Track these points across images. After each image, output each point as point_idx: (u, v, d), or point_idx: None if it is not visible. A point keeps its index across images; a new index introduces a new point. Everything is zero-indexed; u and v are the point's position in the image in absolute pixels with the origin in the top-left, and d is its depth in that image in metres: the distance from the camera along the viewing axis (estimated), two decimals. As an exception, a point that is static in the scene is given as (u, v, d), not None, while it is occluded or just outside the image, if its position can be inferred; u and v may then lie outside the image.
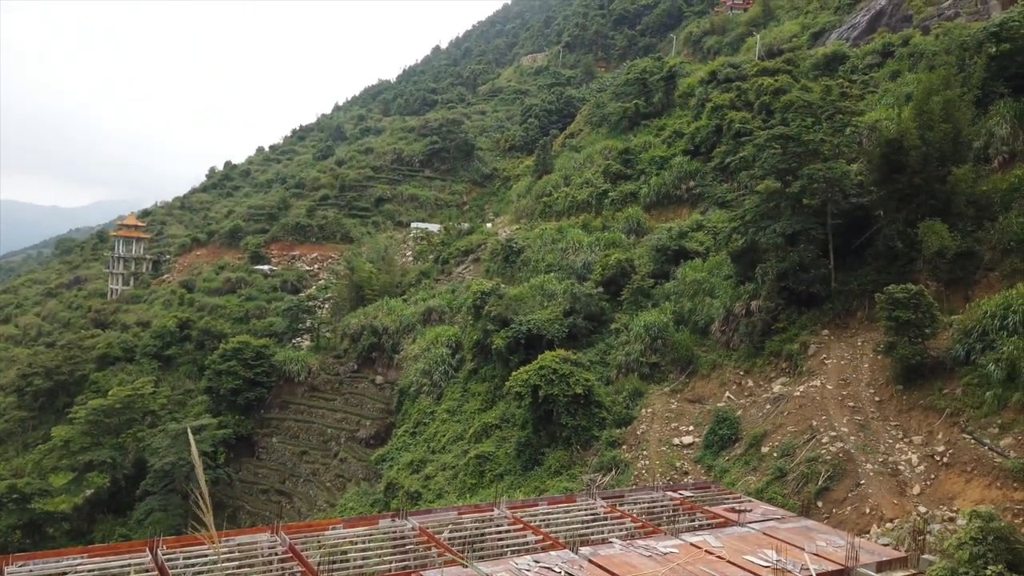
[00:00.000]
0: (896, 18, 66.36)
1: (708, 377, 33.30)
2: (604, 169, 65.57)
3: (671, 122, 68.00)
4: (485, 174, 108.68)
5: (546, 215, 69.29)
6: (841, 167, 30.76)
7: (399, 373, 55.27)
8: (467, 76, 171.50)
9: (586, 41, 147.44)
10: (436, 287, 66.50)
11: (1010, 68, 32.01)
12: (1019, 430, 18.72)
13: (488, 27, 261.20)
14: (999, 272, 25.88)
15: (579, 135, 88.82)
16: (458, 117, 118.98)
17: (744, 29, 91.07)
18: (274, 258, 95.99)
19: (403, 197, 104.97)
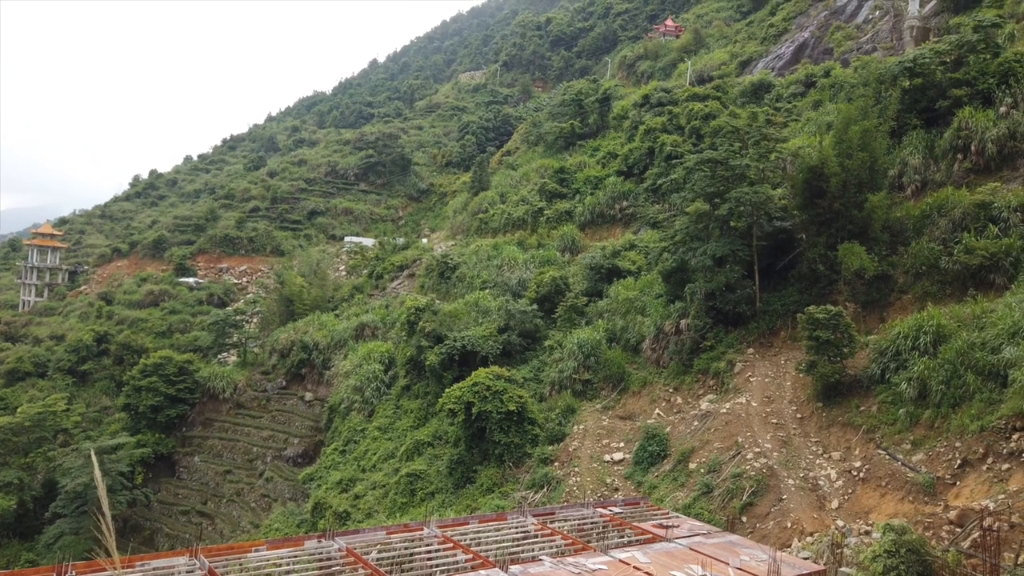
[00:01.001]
0: (818, 50, 69.63)
1: (639, 394, 33.78)
2: (540, 187, 66.21)
3: (606, 143, 69.31)
4: (421, 189, 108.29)
5: (482, 231, 69.40)
6: (766, 191, 31.87)
7: (329, 390, 54.15)
8: (404, 91, 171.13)
9: (524, 61, 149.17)
10: (370, 302, 65.61)
11: (922, 101, 33.92)
12: (929, 446, 19.62)
13: (426, 43, 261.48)
14: (911, 295, 27.20)
15: (516, 153, 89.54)
16: (395, 131, 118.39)
17: (676, 55, 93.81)
18: (200, 270, 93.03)
19: (337, 210, 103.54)
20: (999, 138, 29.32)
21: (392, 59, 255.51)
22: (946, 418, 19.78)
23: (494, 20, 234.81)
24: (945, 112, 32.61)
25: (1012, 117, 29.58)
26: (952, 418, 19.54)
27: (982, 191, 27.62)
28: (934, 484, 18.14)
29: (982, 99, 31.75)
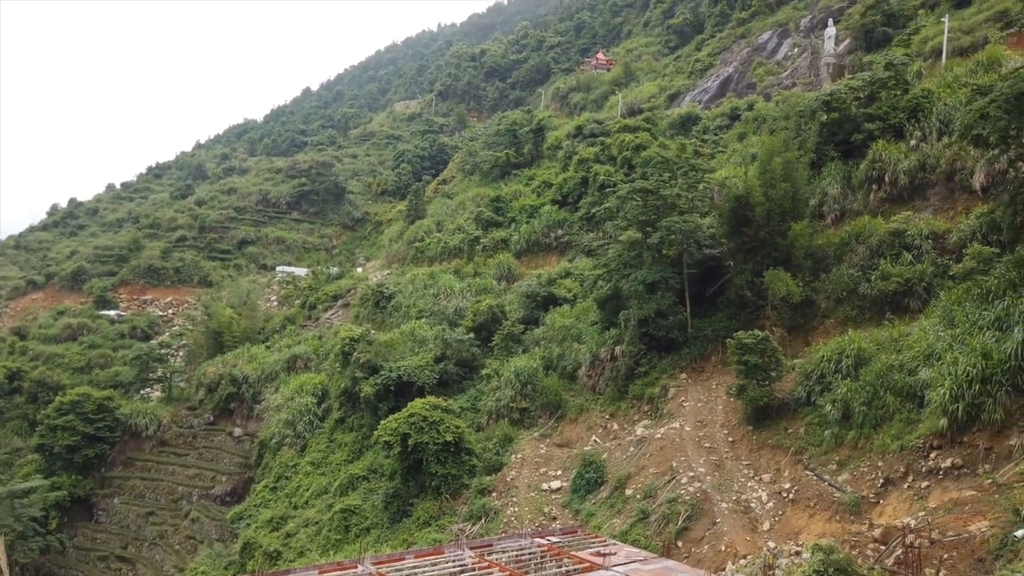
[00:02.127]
0: (742, 85, 72.52)
1: (576, 421, 33.87)
2: (476, 216, 66.43)
3: (540, 172, 70.21)
4: (356, 218, 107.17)
5: (418, 260, 69.01)
6: (695, 220, 32.74)
7: (260, 424, 52.44)
8: (338, 119, 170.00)
9: (459, 91, 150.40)
10: (302, 333, 64.13)
11: (839, 134, 35.60)
12: (854, 466, 20.24)
13: (360, 72, 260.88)
14: (834, 319, 28.24)
15: (452, 182, 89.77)
16: (328, 159, 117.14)
17: (607, 88, 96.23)
18: (123, 303, 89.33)
19: (268, 240, 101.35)
20: (910, 169, 30.96)
21: (326, 87, 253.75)
22: (869, 438, 20.46)
23: (429, 50, 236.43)
24: (860, 145, 34.30)
25: (921, 150, 31.32)
26: (874, 438, 20.23)
27: (896, 220, 29.04)
28: (859, 503, 18.67)
29: (894, 132, 33.54)
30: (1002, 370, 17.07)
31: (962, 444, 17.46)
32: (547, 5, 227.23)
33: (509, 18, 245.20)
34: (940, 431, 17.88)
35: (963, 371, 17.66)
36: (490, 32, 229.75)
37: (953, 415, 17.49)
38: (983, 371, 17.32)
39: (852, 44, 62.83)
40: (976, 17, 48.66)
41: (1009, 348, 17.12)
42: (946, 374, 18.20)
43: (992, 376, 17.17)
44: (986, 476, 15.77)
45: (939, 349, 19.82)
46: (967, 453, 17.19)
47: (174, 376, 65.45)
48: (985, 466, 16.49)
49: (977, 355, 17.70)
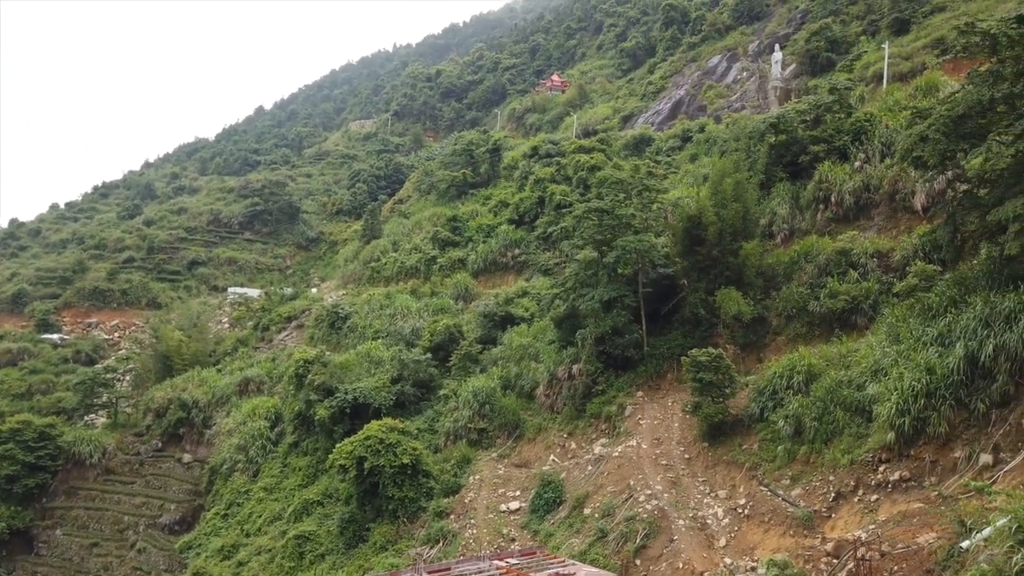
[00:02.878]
0: (693, 107, 74.16)
1: (534, 441, 33.77)
2: (433, 236, 66.28)
3: (497, 192, 70.51)
4: (311, 238, 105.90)
5: (374, 280, 68.44)
6: (650, 239, 33.19)
7: (210, 450, 51.08)
8: (292, 138, 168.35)
9: (415, 111, 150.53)
10: (255, 356, 62.88)
11: (786, 156, 36.60)
12: (806, 480, 20.58)
13: (315, 91, 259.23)
14: (785, 336, 28.82)
15: (408, 201, 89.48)
16: (282, 179, 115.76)
17: (562, 109, 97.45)
18: (66, 326, 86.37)
19: (220, 260, 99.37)
20: (855, 190, 31.96)
21: (279, 106, 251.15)
22: (820, 453, 20.84)
23: (384, 70, 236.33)
24: (807, 166, 35.30)
25: (865, 171, 32.36)
26: (825, 453, 20.61)
27: (843, 239, 29.89)
28: (812, 517, 18.96)
29: (839, 154, 34.62)
30: (945, 384, 17.58)
31: (909, 457, 17.90)
32: (502, 27, 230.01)
33: (464, 40, 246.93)
34: (888, 445, 18.30)
35: (908, 386, 18.14)
36: (446, 53, 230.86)
37: (900, 429, 17.93)
38: (927, 386, 17.81)
39: (798, 69, 64.88)
40: (914, 44, 50.77)
41: (951, 363, 17.66)
42: (892, 389, 18.67)
43: (936, 390, 17.67)
44: (932, 488, 16.17)
45: (885, 365, 20.34)
46: (914, 466, 17.62)
47: (120, 401, 63.43)
48: (931, 478, 16.92)
49: (921, 370, 18.21)
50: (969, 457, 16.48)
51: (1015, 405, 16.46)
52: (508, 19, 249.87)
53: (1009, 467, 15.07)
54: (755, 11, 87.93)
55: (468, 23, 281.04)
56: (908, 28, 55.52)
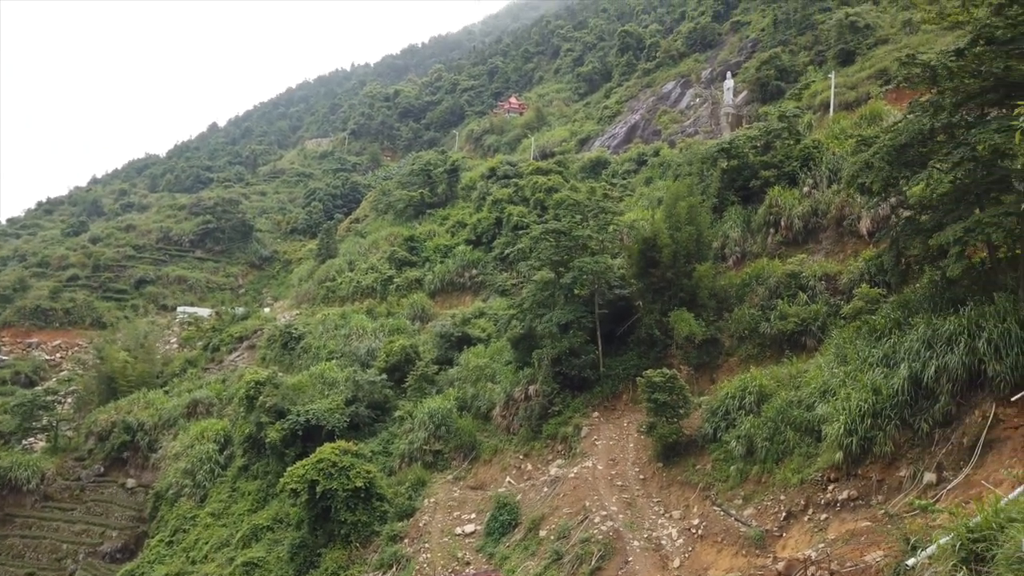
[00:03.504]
0: (648, 131, 75.55)
1: (490, 462, 33.53)
2: (390, 255, 65.84)
3: (455, 212, 70.51)
4: (264, 256, 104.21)
5: (329, 300, 67.56)
6: (606, 261, 33.51)
7: (156, 475, 49.46)
8: (247, 156, 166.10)
9: (372, 130, 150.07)
10: (204, 377, 61.30)
11: (738, 180, 37.46)
12: (758, 500, 20.82)
13: (271, 108, 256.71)
14: (737, 357, 29.28)
15: (365, 221, 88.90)
16: (236, 197, 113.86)
17: (520, 131, 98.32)
18: (6, 347, 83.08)
19: (169, 279, 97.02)
20: (804, 214, 32.83)
21: (234, 123, 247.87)
22: (771, 473, 21.13)
23: (342, 89, 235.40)
24: (758, 190, 36.16)
25: (813, 196, 33.29)
26: (776, 472, 20.90)
27: (792, 262, 30.60)
28: (763, 537, 19.16)
29: (788, 180, 35.56)
30: (890, 405, 18.03)
31: (857, 476, 18.25)
32: (461, 49, 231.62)
33: (423, 60, 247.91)
34: (836, 464, 18.64)
35: (855, 406, 18.55)
36: (404, 73, 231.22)
37: (848, 448, 18.28)
38: (874, 406, 18.24)
39: (749, 96, 66.69)
40: (859, 74, 52.71)
41: (896, 384, 18.12)
42: (840, 409, 19.06)
43: (882, 411, 18.10)
44: (879, 507, 16.49)
45: (833, 385, 20.78)
46: (861, 485, 17.97)
47: (61, 425, 61.05)
48: (878, 497, 17.27)
49: (868, 391, 18.65)
50: (914, 476, 16.88)
51: (956, 425, 16.94)
52: (467, 41, 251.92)
53: (951, 485, 15.46)
54: (708, 39, 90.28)
55: (427, 44, 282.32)
56: (853, 59, 57.65)
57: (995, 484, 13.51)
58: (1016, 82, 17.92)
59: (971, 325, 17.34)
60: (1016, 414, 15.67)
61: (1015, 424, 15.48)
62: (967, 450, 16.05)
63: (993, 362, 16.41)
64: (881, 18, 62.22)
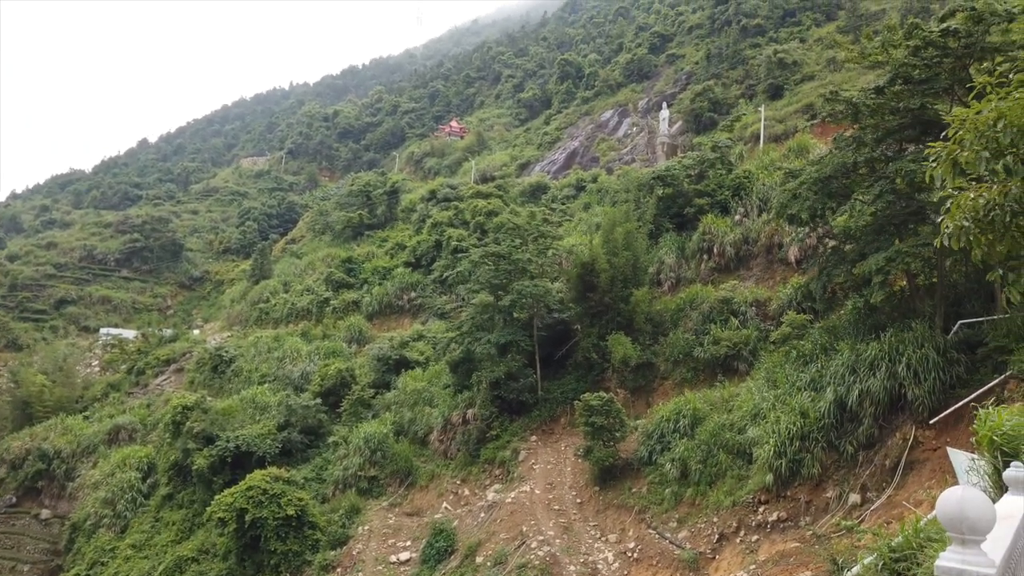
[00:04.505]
0: (586, 158, 76.83)
1: (427, 488, 33.04)
2: (327, 277, 64.75)
3: (394, 234, 69.98)
4: (195, 277, 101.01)
5: (262, 322, 65.87)
6: (545, 284, 33.76)
7: (73, 505, 46.90)
8: (179, 173, 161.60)
9: (310, 150, 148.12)
10: (128, 402, 58.70)
11: (673, 208, 38.41)
12: (692, 523, 21.10)
13: (205, 125, 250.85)
14: (672, 380, 29.79)
15: (301, 241, 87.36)
16: (166, 215, 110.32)
17: (461, 154, 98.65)
18: (-91, 368, 77.89)
19: (92, 299, 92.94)
20: (735, 242, 33.85)
21: (165, 140, 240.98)
22: (705, 495, 21.46)
23: (279, 108, 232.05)
24: (692, 218, 37.14)
25: (745, 224, 34.38)
26: (710, 495, 21.24)
27: (724, 288, 31.44)
28: (697, 559, 19.39)
29: (721, 208, 36.65)
30: (818, 428, 18.60)
31: (786, 498, 18.70)
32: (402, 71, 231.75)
33: (363, 81, 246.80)
34: (767, 486, 19.07)
35: (785, 429, 19.06)
36: (344, 94, 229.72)
37: (777, 471, 18.74)
38: (802, 429, 18.78)
39: (684, 126, 68.69)
40: (787, 108, 54.95)
41: (823, 407, 18.73)
42: (770, 432, 19.56)
43: (809, 433, 18.65)
44: (807, 528, 16.92)
45: (764, 409, 21.33)
46: (791, 507, 18.42)
47: (-32, 452, 57.32)
48: (806, 518, 17.72)
49: (796, 414, 19.20)
50: (840, 497, 17.40)
51: (879, 447, 17.58)
52: (408, 64, 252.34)
53: (875, 506, 15.99)
54: (644, 70, 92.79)
55: (367, 66, 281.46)
56: (781, 94, 60.13)
57: (915, 504, 14.03)
58: (931, 119, 18.99)
59: (891, 350, 18.11)
60: (934, 436, 16.36)
61: (933, 446, 16.16)
62: (889, 471, 16.65)
63: (912, 386, 17.15)
64: (807, 55, 65.22)
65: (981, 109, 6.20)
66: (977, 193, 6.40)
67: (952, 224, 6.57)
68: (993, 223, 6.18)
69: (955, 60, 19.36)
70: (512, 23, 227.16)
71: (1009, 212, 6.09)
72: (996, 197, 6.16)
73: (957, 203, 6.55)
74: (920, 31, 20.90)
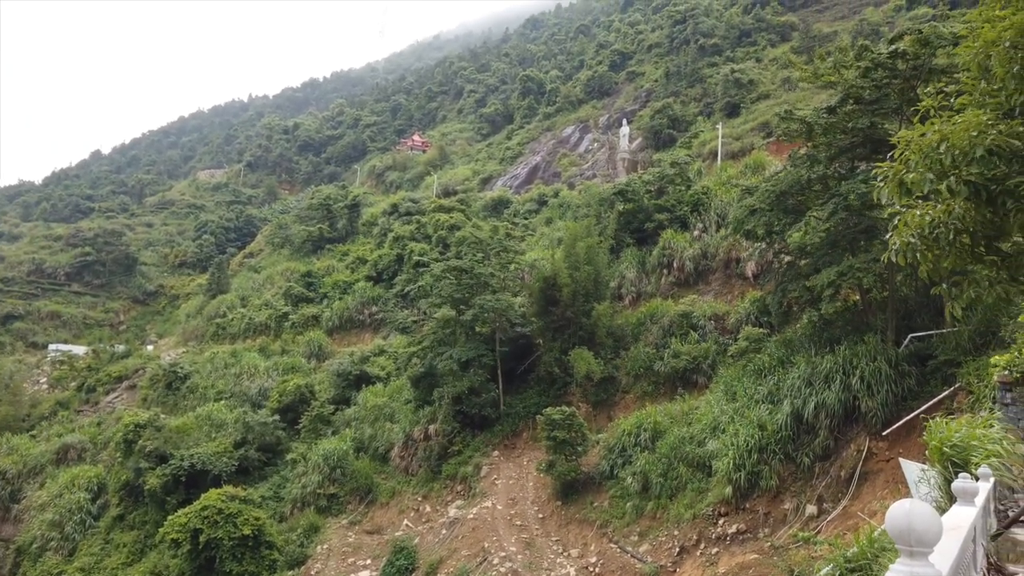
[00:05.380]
0: (548, 173, 77.32)
1: (387, 505, 32.64)
2: (286, 291, 63.83)
3: (355, 248, 69.39)
4: (149, 291, 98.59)
5: (219, 338, 64.57)
6: (508, 299, 33.80)
7: (18, 528, 45.14)
8: (133, 185, 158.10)
9: (270, 162, 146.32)
10: (77, 420, 56.91)
11: (633, 223, 38.83)
12: (653, 536, 21.20)
13: (161, 137, 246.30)
14: (633, 394, 29.99)
15: (260, 255, 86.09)
16: (119, 228, 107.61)
17: (423, 168, 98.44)
18: None
19: (41, 314, 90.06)
20: (694, 257, 34.35)
21: (120, 151, 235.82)
22: (665, 508, 21.60)
23: (238, 120, 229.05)
24: (652, 232, 37.61)
25: (703, 239, 34.92)
26: (670, 508, 21.39)
27: (684, 302, 31.84)
28: (658, 573, 19.48)
29: (680, 223, 37.18)
30: (775, 440, 18.89)
31: (745, 510, 18.92)
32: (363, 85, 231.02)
33: (324, 95, 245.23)
34: (726, 499, 19.28)
35: (743, 441, 19.32)
36: (304, 107, 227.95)
37: (736, 483, 18.97)
38: (760, 441, 19.06)
39: (644, 142, 69.64)
40: (744, 126, 56.14)
41: (780, 419, 19.04)
42: (729, 445, 19.80)
43: (767, 446, 18.93)
44: (766, 540, 17.14)
45: (723, 421, 21.60)
46: (749, 518, 18.63)
47: (-94, 474, 54.90)
48: (764, 530, 17.94)
49: (754, 426, 19.48)
50: (797, 508, 17.67)
51: (835, 458, 17.91)
52: (369, 78, 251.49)
53: (831, 517, 16.26)
54: (605, 87, 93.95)
55: (328, 79, 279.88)
56: (738, 112, 61.44)
57: (870, 515, 14.31)
58: (881, 138, 19.56)
59: (846, 363, 18.52)
60: (887, 447, 16.73)
61: (886, 457, 16.52)
62: (845, 482, 16.98)
63: (866, 398, 17.54)
64: (763, 75, 66.83)
65: (925, 131, 6.43)
66: (923, 212, 6.62)
67: (899, 241, 6.79)
68: (938, 240, 6.39)
69: (903, 81, 20.03)
70: (474, 39, 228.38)
71: (953, 230, 6.31)
72: (941, 216, 6.38)
73: (904, 221, 6.77)
74: (870, 53, 21.59)
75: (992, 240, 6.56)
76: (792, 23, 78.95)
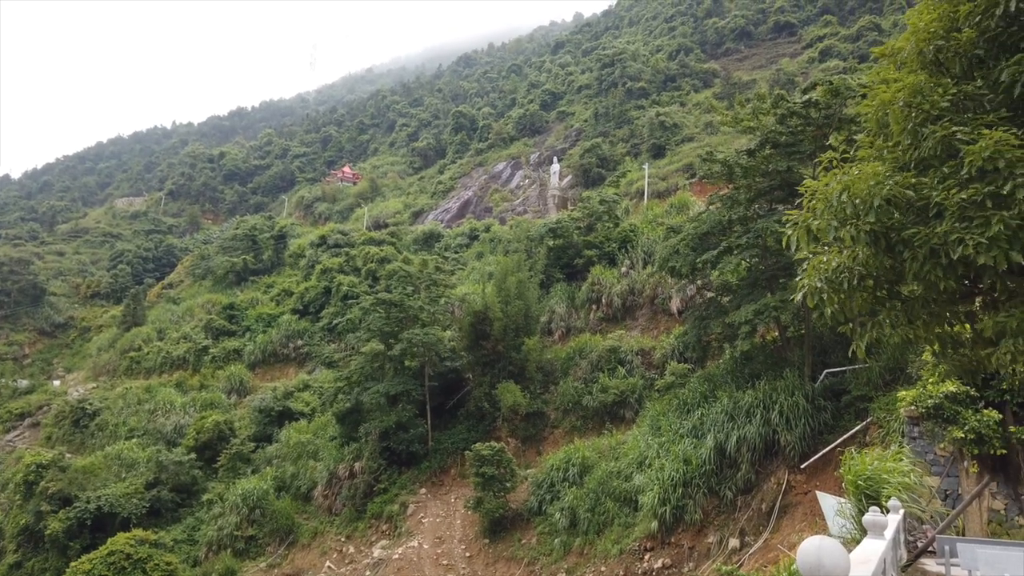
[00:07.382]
0: (480, 208, 77.82)
1: (309, 547, 31.52)
2: (206, 324, 61.66)
3: (281, 280, 67.83)
4: (57, 323, 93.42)
5: (133, 372, 61.64)
6: (437, 333, 33.56)
7: (-101, 580, 41.46)
8: (44, 212, 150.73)
9: (193, 191, 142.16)
10: (-27, 460, 53.04)
11: (563, 258, 39.38)
12: (580, 573, 21.14)
13: (77, 163, 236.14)
14: (562, 429, 30.10)
15: (180, 286, 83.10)
16: (27, 256, 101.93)
17: (354, 200, 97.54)
18: None
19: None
20: (622, 293, 35.02)
21: (31, 176, 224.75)
22: (593, 544, 21.61)
23: (160, 147, 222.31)
24: (582, 268, 38.20)
25: (631, 276, 35.67)
26: (598, 543, 21.41)
27: (612, 337, 32.33)
28: (587, 610, 19.40)
29: (608, 260, 37.91)
30: (699, 474, 19.24)
31: (670, 544, 19.12)
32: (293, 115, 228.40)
33: (252, 124, 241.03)
34: (652, 533, 19.45)
35: (668, 476, 19.60)
36: (231, 135, 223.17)
37: (662, 517, 19.18)
38: (684, 475, 19.37)
39: (574, 180, 71.03)
40: (669, 167, 57.99)
41: (704, 454, 19.42)
42: (655, 479, 20.05)
43: (692, 480, 19.26)
44: (690, 574, 17.33)
45: (649, 456, 21.88)
46: (675, 553, 18.83)
47: None
48: (689, 564, 18.15)
49: (679, 461, 19.80)
50: (720, 542, 17.97)
51: (756, 491, 18.35)
52: (300, 108, 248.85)
53: (753, 550, 16.60)
54: (536, 125, 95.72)
55: (257, 108, 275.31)
56: (664, 153, 63.50)
57: (789, 547, 14.68)
58: (797, 182, 20.54)
59: (766, 398, 19.11)
60: (805, 480, 17.27)
61: (804, 489, 17.04)
62: (765, 515, 17.39)
63: (785, 432, 18.11)
64: (687, 118, 69.43)
65: (829, 181, 6.81)
66: (829, 257, 6.97)
67: (808, 284, 7.12)
68: (843, 285, 6.73)
69: (816, 128, 21.15)
70: (407, 73, 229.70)
71: (857, 275, 6.67)
72: (845, 261, 6.74)
73: (812, 265, 7.12)
74: (785, 102, 22.76)
75: (893, 285, 6.95)
76: (714, 70, 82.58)
